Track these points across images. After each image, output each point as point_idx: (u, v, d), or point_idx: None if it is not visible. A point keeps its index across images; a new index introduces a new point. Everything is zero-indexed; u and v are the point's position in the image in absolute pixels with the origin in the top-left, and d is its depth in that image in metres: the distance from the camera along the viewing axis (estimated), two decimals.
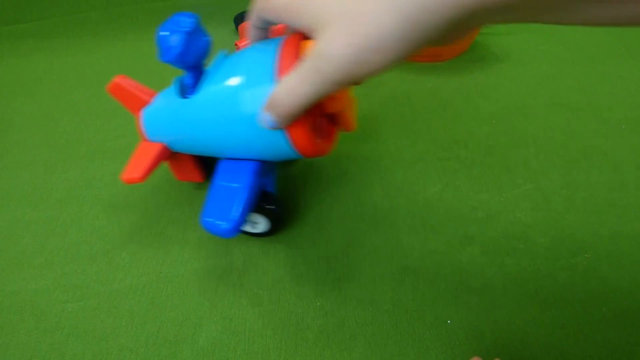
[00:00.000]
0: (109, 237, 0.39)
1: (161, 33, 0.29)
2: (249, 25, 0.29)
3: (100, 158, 0.48)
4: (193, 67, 0.31)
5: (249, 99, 0.27)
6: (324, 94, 0.22)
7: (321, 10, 0.20)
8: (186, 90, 0.32)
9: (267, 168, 0.34)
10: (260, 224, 0.36)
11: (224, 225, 0.29)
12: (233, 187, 0.31)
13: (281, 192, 0.40)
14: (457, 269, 0.34)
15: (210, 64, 0.31)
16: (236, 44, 0.61)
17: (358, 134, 0.47)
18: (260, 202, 0.34)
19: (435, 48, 0.53)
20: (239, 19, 0.68)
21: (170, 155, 0.37)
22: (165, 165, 0.45)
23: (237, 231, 0.30)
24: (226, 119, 0.29)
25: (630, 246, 0.34)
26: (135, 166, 0.36)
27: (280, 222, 0.37)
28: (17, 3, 0.76)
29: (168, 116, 0.34)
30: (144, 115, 0.37)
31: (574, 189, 0.39)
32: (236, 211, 0.30)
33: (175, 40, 0.29)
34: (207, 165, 0.40)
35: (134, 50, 0.68)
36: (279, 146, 0.28)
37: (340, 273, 0.34)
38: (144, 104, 0.37)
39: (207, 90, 0.30)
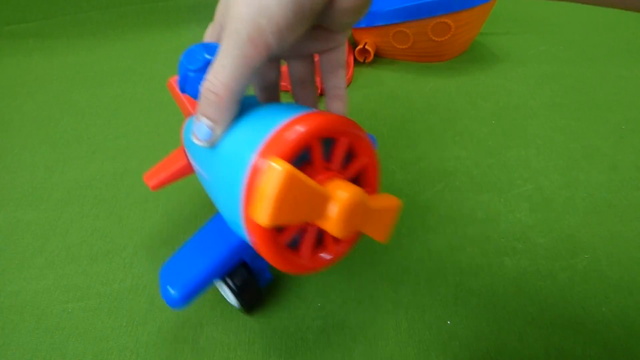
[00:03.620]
0: (110, 237, 0.39)
1: (180, 61, 0.27)
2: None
3: (100, 158, 0.48)
4: None
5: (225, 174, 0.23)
6: (252, 66, 0.21)
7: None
8: None
9: None
10: (230, 297, 0.31)
11: (173, 293, 0.26)
12: (206, 251, 0.28)
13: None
14: (457, 269, 0.34)
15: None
16: None
17: None
18: (229, 275, 0.29)
19: (435, 48, 0.53)
20: None
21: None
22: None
23: (185, 304, 0.26)
24: (211, 178, 0.26)
25: (630, 246, 0.34)
26: (157, 172, 0.36)
27: (249, 307, 0.31)
28: (17, 3, 0.76)
29: (190, 140, 0.32)
30: (185, 124, 0.35)
31: (574, 189, 0.39)
32: (191, 282, 0.26)
33: (181, 74, 0.26)
34: None
35: (134, 50, 0.68)
36: (238, 227, 0.23)
37: (340, 274, 0.34)
38: (189, 112, 0.35)
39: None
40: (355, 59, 0.57)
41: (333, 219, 0.20)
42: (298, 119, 0.22)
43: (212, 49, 0.26)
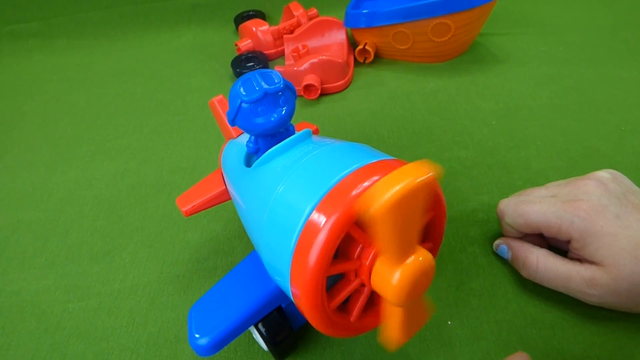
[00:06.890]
0: (110, 237, 0.39)
1: (232, 89, 0.24)
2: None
3: (100, 158, 0.48)
4: (260, 136, 0.26)
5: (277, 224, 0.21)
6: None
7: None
8: (250, 156, 0.29)
9: None
10: (259, 340, 0.28)
11: (202, 342, 0.24)
12: (240, 295, 0.25)
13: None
14: (458, 270, 0.34)
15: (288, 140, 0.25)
16: (236, 44, 0.61)
17: (357, 135, 0.47)
18: (262, 320, 0.26)
19: (435, 49, 0.53)
20: (239, 19, 0.68)
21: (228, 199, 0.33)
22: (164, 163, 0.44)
23: (214, 354, 0.24)
24: (256, 220, 0.23)
25: None
26: (191, 196, 0.34)
27: (282, 354, 0.28)
28: (17, 3, 0.76)
29: (230, 167, 0.30)
30: (225, 147, 0.33)
31: None
32: (223, 331, 0.24)
33: (233, 104, 0.24)
34: None
35: (134, 50, 0.68)
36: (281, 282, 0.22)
37: None
38: (230, 135, 0.33)
39: (256, 177, 0.25)
40: (355, 60, 0.57)
41: (395, 286, 0.18)
42: (364, 170, 0.20)
43: (268, 76, 0.24)
